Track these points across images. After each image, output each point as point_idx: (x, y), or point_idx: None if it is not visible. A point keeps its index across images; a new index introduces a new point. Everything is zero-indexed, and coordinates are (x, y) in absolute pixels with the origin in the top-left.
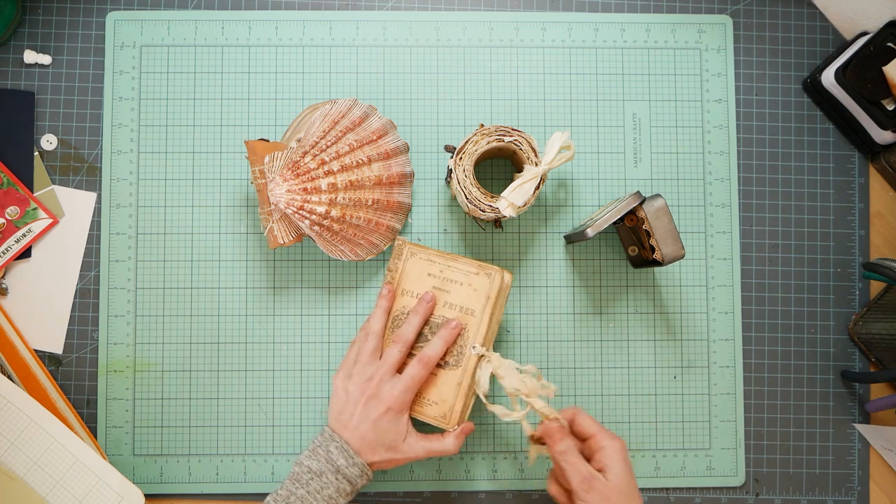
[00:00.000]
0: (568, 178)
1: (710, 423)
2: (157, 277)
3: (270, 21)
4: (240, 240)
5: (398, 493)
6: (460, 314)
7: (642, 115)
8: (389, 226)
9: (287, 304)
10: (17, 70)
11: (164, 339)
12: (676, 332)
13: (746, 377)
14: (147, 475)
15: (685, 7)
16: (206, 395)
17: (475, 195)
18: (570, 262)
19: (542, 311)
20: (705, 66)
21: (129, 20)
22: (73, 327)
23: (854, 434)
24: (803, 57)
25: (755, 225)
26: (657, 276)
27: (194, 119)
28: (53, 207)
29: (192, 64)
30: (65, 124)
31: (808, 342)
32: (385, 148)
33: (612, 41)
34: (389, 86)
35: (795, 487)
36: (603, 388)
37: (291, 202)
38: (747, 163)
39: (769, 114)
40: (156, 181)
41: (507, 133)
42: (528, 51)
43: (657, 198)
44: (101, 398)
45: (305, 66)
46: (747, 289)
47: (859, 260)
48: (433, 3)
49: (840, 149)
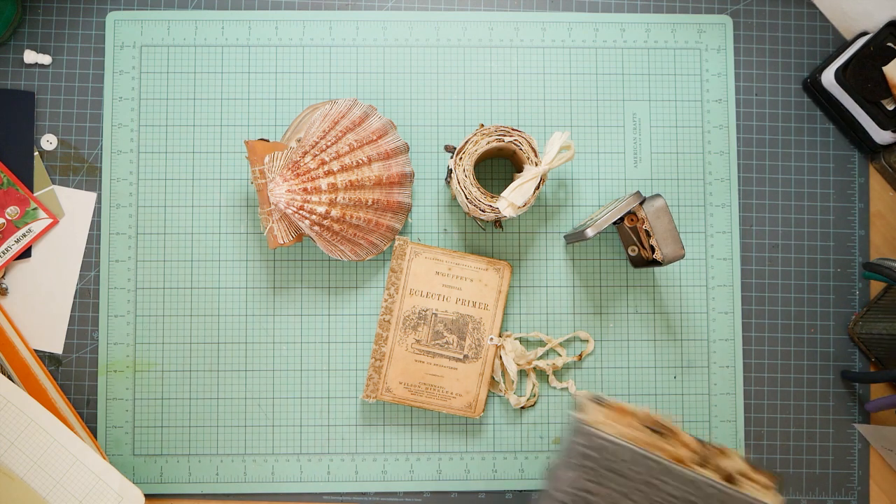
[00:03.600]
0: (568, 178)
1: (710, 423)
2: (157, 277)
3: (270, 21)
4: (240, 240)
5: (398, 493)
6: (474, 309)
7: (642, 115)
8: (389, 226)
9: (287, 304)
10: (17, 70)
11: (164, 339)
12: (676, 332)
13: (746, 377)
14: (147, 475)
15: (685, 7)
16: (206, 395)
17: (475, 195)
18: (570, 262)
19: (542, 311)
20: (705, 66)
21: (129, 20)
22: (73, 327)
23: (854, 434)
24: (803, 57)
25: (755, 225)
26: (657, 276)
27: (194, 119)
28: (53, 207)
29: (192, 64)
30: (65, 124)
31: (808, 342)
32: (385, 148)
33: (612, 41)
34: (389, 86)
35: (795, 487)
36: (603, 387)
37: (291, 202)
38: (747, 163)
39: (769, 114)
40: (156, 181)
41: (507, 133)
42: (528, 51)
43: (657, 198)
44: (101, 398)
45: (305, 66)
46: (747, 289)
47: (859, 260)
48: (433, 3)
49: (840, 149)
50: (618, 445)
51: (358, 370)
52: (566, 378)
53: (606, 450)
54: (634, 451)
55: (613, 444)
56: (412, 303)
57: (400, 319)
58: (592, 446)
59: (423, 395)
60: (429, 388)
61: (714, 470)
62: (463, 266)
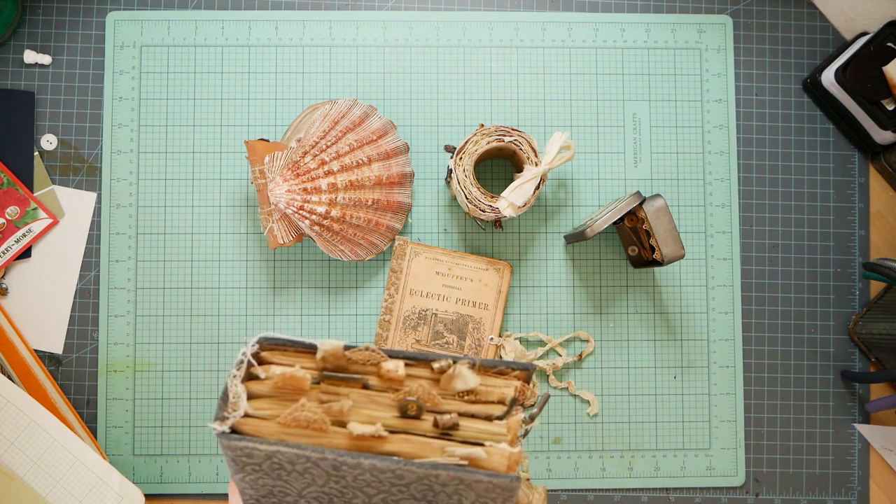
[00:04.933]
0: (568, 178)
1: (710, 423)
2: (157, 277)
3: (270, 21)
4: (240, 240)
5: None
6: (474, 309)
7: (642, 115)
8: (389, 226)
9: (287, 304)
10: (17, 70)
11: (164, 339)
12: (676, 332)
13: (746, 377)
14: (147, 475)
15: (685, 7)
16: (206, 395)
17: (475, 195)
18: (570, 262)
19: (542, 311)
20: (705, 66)
21: (129, 20)
22: (73, 327)
23: (854, 434)
24: (803, 57)
25: (755, 225)
26: (657, 276)
27: (194, 119)
28: (53, 207)
29: (192, 64)
30: (65, 124)
31: (808, 342)
32: (385, 148)
33: (612, 41)
34: (389, 86)
35: (795, 487)
36: (603, 388)
37: (291, 202)
38: (747, 163)
39: (769, 114)
40: (156, 181)
41: (507, 133)
42: (528, 51)
43: (657, 198)
44: (101, 398)
45: (305, 66)
46: (747, 289)
47: (859, 260)
48: (433, 3)
49: (840, 149)
50: (262, 450)
51: None
52: (566, 378)
53: (256, 455)
54: (287, 454)
55: (256, 449)
56: (412, 303)
57: (400, 319)
58: (238, 452)
59: None
60: None
61: (431, 421)
62: (463, 266)
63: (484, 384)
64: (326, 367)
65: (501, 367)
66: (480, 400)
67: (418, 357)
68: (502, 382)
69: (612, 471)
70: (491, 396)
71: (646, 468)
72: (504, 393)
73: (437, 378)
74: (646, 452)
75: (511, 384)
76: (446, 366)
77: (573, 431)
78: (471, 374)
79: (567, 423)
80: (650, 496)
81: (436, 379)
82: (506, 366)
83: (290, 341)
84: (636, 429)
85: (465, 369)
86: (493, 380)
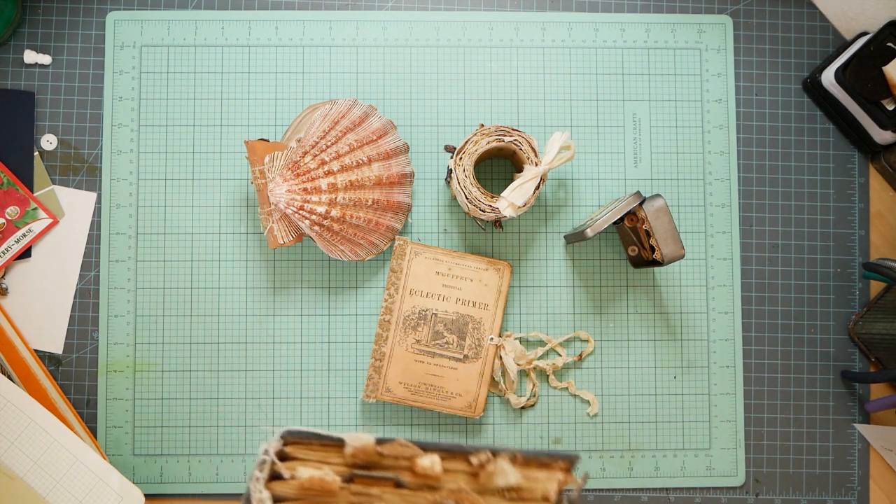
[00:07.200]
0: (568, 178)
1: (710, 423)
2: (157, 277)
3: (270, 21)
4: (240, 240)
5: None
6: (474, 309)
7: (642, 115)
8: (389, 226)
9: (287, 304)
10: (17, 70)
11: (164, 339)
12: (676, 332)
13: (746, 377)
14: (147, 475)
15: (685, 7)
16: (206, 395)
17: (475, 195)
18: (570, 262)
19: (542, 311)
20: (705, 66)
21: (129, 20)
22: (73, 327)
23: (854, 434)
24: (803, 57)
25: (755, 225)
26: (657, 276)
27: (194, 119)
28: (53, 207)
29: (192, 64)
30: (65, 124)
31: (808, 342)
32: (385, 148)
33: (612, 41)
34: (389, 86)
35: (795, 487)
36: (603, 388)
37: (291, 202)
38: (747, 163)
39: (769, 114)
40: (156, 181)
41: (507, 133)
42: (528, 51)
43: (657, 198)
44: (101, 398)
45: (305, 66)
46: (747, 289)
47: (859, 260)
48: (433, 3)
49: (840, 149)
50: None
51: (358, 370)
52: (566, 378)
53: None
54: None
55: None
56: (412, 303)
57: (400, 319)
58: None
59: (423, 396)
60: (429, 388)
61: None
62: (463, 266)
63: (525, 477)
64: (357, 462)
65: (544, 459)
66: (524, 497)
67: (454, 449)
68: (545, 475)
69: (612, 471)
70: (535, 493)
71: (646, 468)
72: (548, 489)
73: (475, 472)
74: (646, 452)
75: (554, 476)
76: (485, 460)
77: (573, 431)
78: (512, 470)
79: (567, 423)
80: (650, 496)
81: (474, 473)
82: (548, 457)
83: (317, 435)
84: (636, 429)
85: (506, 464)
86: (535, 472)
